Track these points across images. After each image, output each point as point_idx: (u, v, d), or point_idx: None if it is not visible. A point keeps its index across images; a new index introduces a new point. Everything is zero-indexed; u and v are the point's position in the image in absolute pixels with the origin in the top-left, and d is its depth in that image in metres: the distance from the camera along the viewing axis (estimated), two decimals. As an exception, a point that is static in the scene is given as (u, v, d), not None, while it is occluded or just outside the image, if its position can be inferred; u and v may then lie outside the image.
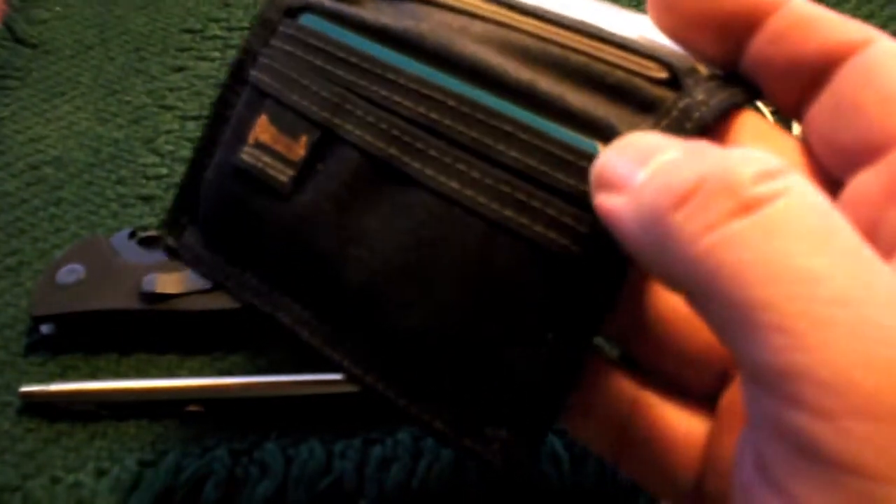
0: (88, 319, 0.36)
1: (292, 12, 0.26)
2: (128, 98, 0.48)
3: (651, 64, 0.22)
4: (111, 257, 0.37)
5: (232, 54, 0.50)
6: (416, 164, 0.22)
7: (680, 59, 0.22)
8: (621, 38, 0.22)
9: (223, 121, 0.27)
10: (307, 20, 0.26)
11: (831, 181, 0.21)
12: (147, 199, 0.42)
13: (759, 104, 0.37)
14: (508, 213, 0.21)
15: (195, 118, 0.47)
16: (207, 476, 0.32)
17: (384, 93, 0.23)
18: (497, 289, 0.21)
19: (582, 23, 0.23)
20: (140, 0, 0.54)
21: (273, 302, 0.25)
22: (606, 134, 0.21)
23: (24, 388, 0.34)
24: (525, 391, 0.22)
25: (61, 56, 0.51)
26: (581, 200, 0.20)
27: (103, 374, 0.36)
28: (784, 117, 0.23)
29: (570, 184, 0.21)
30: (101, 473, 0.32)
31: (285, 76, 0.25)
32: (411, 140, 0.23)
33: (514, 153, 0.21)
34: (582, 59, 0.22)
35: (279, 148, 0.24)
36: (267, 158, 0.25)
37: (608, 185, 0.19)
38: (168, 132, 0.46)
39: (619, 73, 0.22)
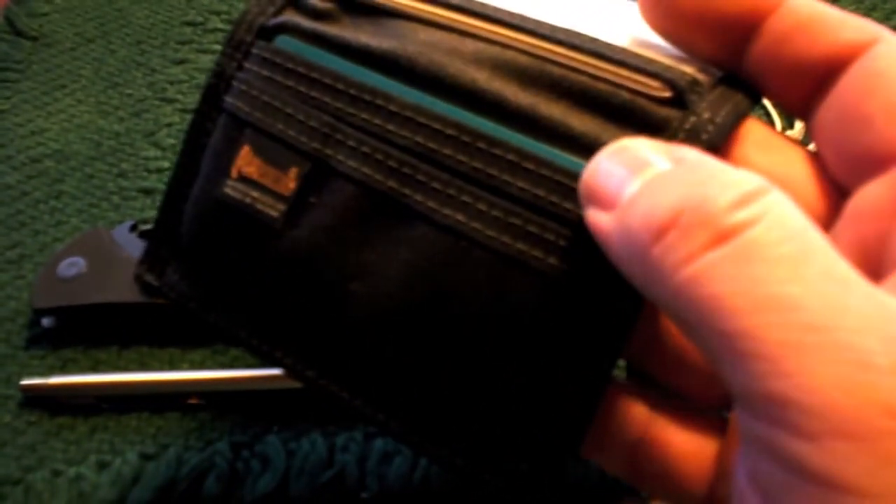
0: (89, 312, 0.36)
1: (266, 33, 0.25)
2: (129, 91, 0.48)
3: (654, 83, 0.21)
4: (112, 250, 0.37)
5: (233, 47, 0.50)
6: (418, 197, 0.22)
7: (678, 67, 0.21)
8: (620, 53, 0.21)
9: (199, 149, 0.25)
10: (283, 42, 0.24)
11: (838, 188, 0.21)
12: (148, 191, 0.42)
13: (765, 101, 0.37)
14: (520, 246, 0.21)
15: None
16: (209, 469, 0.32)
17: (377, 121, 0.22)
18: (512, 323, 0.21)
19: (577, 36, 0.22)
20: (141, -7, 0.54)
21: (272, 340, 0.24)
22: None
23: (25, 382, 0.34)
24: (544, 424, 0.21)
25: (62, 49, 0.50)
26: (576, 228, 0.20)
27: (104, 367, 0.36)
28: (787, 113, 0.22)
29: (566, 208, 0.20)
30: (102, 466, 0.32)
31: (266, 104, 0.24)
32: (411, 171, 0.22)
33: (520, 183, 0.21)
34: (582, 78, 0.21)
35: (267, 182, 0.23)
36: (255, 193, 0.23)
37: (597, 200, 0.19)
38: (169, 125, 0.46)
39: (623, 94, 0.21)
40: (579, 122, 0.21)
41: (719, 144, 0.20)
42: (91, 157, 0.44)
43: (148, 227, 0.38)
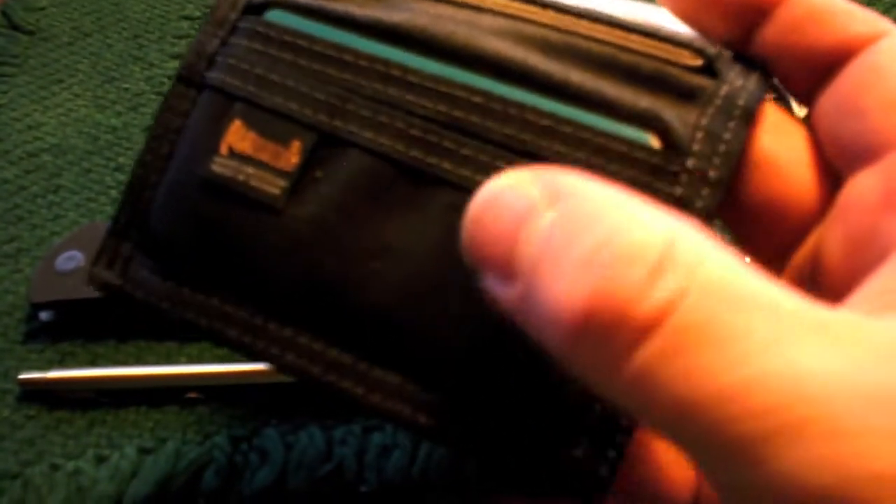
0: (87, 306, 0.36)
1: (254, 9, 0.24)
2: (126, 85, 0.48)
3: (683, 52, 0.21)
4: (110, 244, 0.37)
5: (230, 41, 0.49)
6: (446, 165, 0.21)
7: (703, 44, 0.21)
8: (644, 25, 0.21)
9: (172, 132, 0.24)
10: (275, 16, 0.23)
11: (834, 175, 0.21)
12: (146, 186, 0.42)
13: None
14: None
15: (194, 105, 0.46)
16: (207, 463, 0.32)
17: (392, 91, 0.21)
18: None
19: (597, 12, 0.22)
20: (138, -13, 0.54)
21: (271, 337, 0.22)
22: (653, 124, 0.20)
23: (23, 376, 0.34)
24: (599, 401, 0.20)
25: (59, 43, 0.50)
26: (643, 192, 0.19)
27: (102, 361, 0.36)
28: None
29: (630, 175, 0.20)
30: (100, 460, 0.32)
31: (260, 77, 0.23)
32: (437, 139, 0.21)
33: (557, 147, 0.20)
34: (608, 49, 0.21)
35: (264, 157, 0.22)
36: (249, 169, 0.22)
37: (487, 267, 0.17)
38: (166, 119, 0.46)
39: (652, 63, 0.21)
40: (613, 89, 0.21)
41: (755, 110, 0.20)
42: (88, 152, 0.44)
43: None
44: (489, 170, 0.20)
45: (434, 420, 0.21)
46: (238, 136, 0.22)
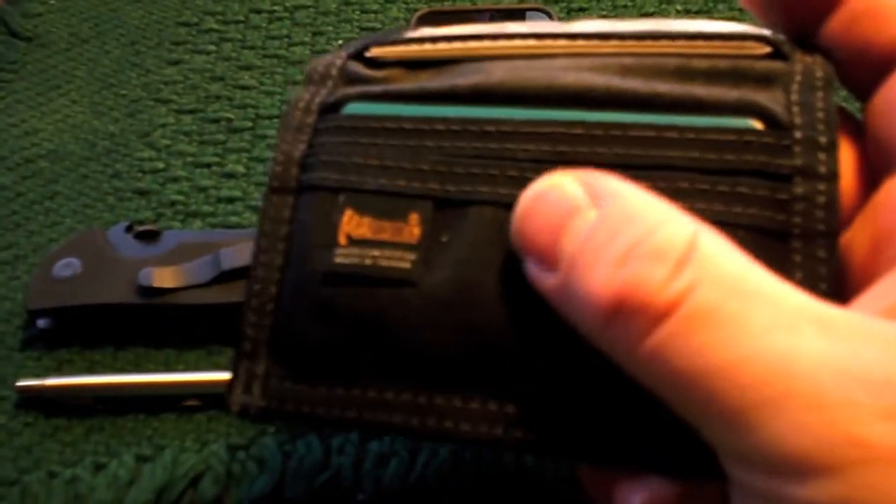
0: (85, 313, 0.36)
1: (330, 108, 0.24)
2: (123, 91, 0.48)
3: (749, 44, 0.22)
4: (107, 251, 0.37)
5: (227, 48, 0.50)
6: None
7: (765, 34, 0.22)
8: (704, 32, 0.22)
9: (279, 241, 0.23)
10: (354, 108, 0.24)
11: (873, 175, 0.21)
12: (143, 192, 0.42)
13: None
14: (717, 206, 0.20)
15: (190, 112, 0.46)
16: (205, 471, 0.32)
17: (492, 146, 0.22)
18: None
19: (657, 31, 0.23)
20: (135, -7, 0.54)
21: (440, 411, 0.21)
22: (751, 110, 0.21)
23: (21, 383, 0.34)
24: None
25: (56, 49, 0.50)
26: (766, 173, 0.20)
27: (100, 368, 0.36)
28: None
29: (748, 159, 0.21)
30: (98, 468, 0.32)
31: (360, 165, 0.23)
32: None
33: (670, 153, 0.21)
34: (681, 59, 0.22)
35: (385, 236, 0.22)
36: (375, 252, 0.22)
37: (534, 256, 0.20)
38: (163, 126, 0.46)
39: (725, 61, 0.22)
40: (700, 89, 0.22)
41: (833, 78, 0.21)
42: (86, 158, 0.44)
43: (143, 228, 0.38)
44: None
45: (639, 457, 0.20)
46: (353, 223, 0.22)
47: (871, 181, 0.21)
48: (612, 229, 0.18)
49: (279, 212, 0.23)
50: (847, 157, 0.22)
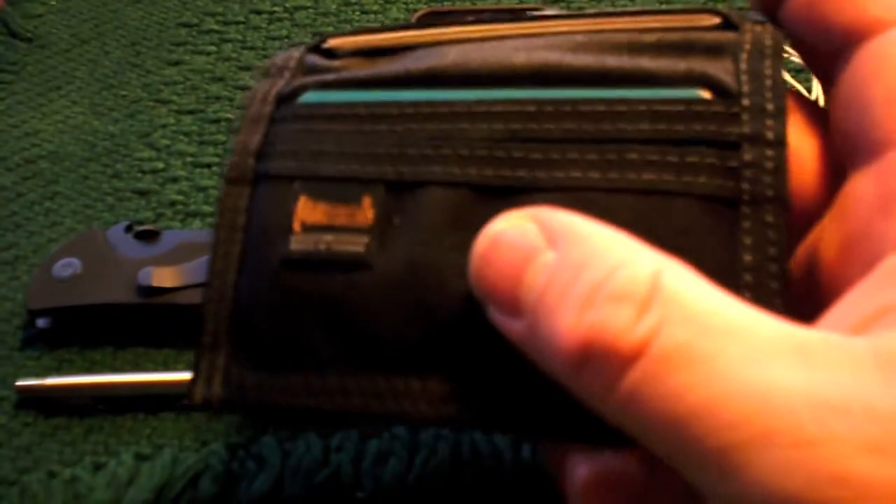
0: (85, 313, 0.36)
1: (286, 98, 0.24)
2: (123, 92, 0.48)
3: (698, 16, 0.22)
4: (107, 251, 0.37)
5: (228, 49, 0.50)
6: (521, 173, 0.21)
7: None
8: (651, 7, 0.23)
9: (235, 231, 0.23)
10: (309, 97, 0.24)
11: (840, 167, 0.21)
12: (143, 193, 0.42)
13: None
14: (667, 177, 0.21)
15: (191, 112, 0.46)
16: (204, 470, 0.32)
17: (445, 126, 0.22)
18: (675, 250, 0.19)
19: (608, 9, 0.24)
20: (135, -6, 0.54)
21: (399, 392, 0.21)
22: (700, 80, 0.21)
23: (20, 383, 0.34)
24: None
25: (56, 50, 0.50)
26: (715, 142, 0.21)
27: (99, 367, 0.36)
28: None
29: (697, 129, 0.21)
30: (97, 467, 0.32)
31: (315, 152, 0.23)
32: (504, 154, 0.22)
33: (621, 126, 0.21)
34: (631, 35, 0.23)
35: (339, 221, 0.22)
36: (328, 237, 0.22)
37: (495, 304, 0.19)
38: (164, 126, 0.46)
39: (675, 34, 0.22)
40: (650, 62, 0.22)
41: (781, 46, 0.22)
42: (86, 158, 0.44)
43: (143, 228, 0.38)
44: (562, 165, 0.21)
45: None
46: (307, 210, 0.22)
47: (837, 172, 0.21)
48: (572, 272, 0.17)
49: (236, 202, 0.23)
50: (812, 148, 0.22)
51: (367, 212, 0.22)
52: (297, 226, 0.22)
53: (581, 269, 0.17)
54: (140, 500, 0.31)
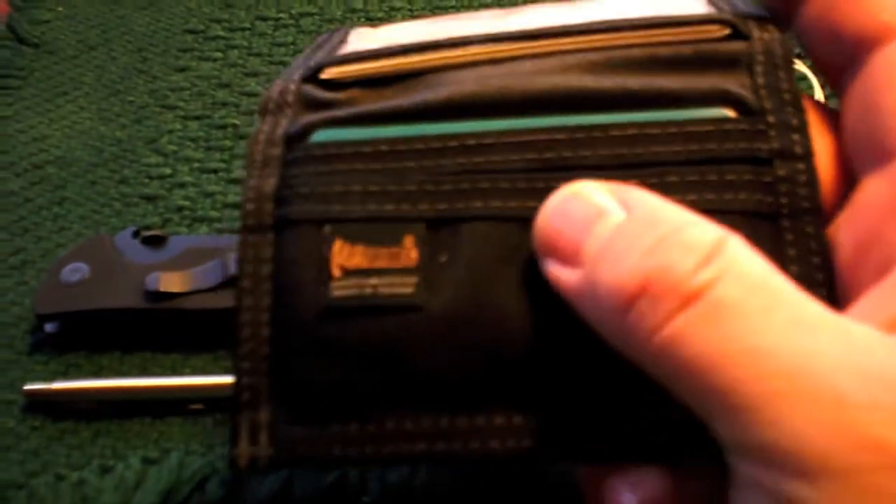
0: (92, 318, 0.36)
1: (297, 138, 0.23)
2: (130, 98, 0.48)
3: (709, 27, 0.22)
4: (115, 256, 0.37)
5: (234, 55, 0.50)
6: None
7: (721, 13, 0.23)
8: (664, 17, 0.23)
9: (264, 281, 0.22)
10: (324, 135, 0.23)
11: (851, 172, 0.21)
12: (150, 198, 0.43)
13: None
14: (709, 195, 0.21)
15: (197, 118, 0.47)
16: (211, 474, 0.32)
17: (477, 159, 0.22)
18: None
19: (618, 20, 0.23)
20: (142, 0, 0.54)
21: (465, 431, 0.21)
22: (723, 98, 0.22)
23: (28, 387, 0.35)
24: None
25: (64, 56, 0.51)
26: (747, 159, 0.21)
27: (107, 372, 0.36)
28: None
29: (729, 147, 0.21)
30: (105, 471, 0.33)
31: (342, 193, 0.22)
32: (544, 184, 0.21)
33: (655, 149, 0.21)
34: (646, 50, 0.23)
35: (382, 263, 0.21)
36: (373, 280, 0.21)
37: (556, 253, 0.19)
38: (170, 132, 0.46)
39: (688, 47, 0.22)
40: (670, 82, 0.22)
41: (792, 54, 0.22)
42: (93, 164, 0.45)
43: (150, 233, 0.38)
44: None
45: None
46: (345, 254, 0.21)
47: (848, 174, 0.21)
48: (641, 227, 0.18)
49: (258, 252, 0.22)
50: (825, 150, 0.22)
51: (410, 252, 0.21)
52: (336, 271, 0.21)
53: (650, 225, 0.18)
54: (147, 504, 0.31)
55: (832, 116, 0.22)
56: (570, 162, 0.21)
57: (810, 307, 0.17)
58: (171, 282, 0.35)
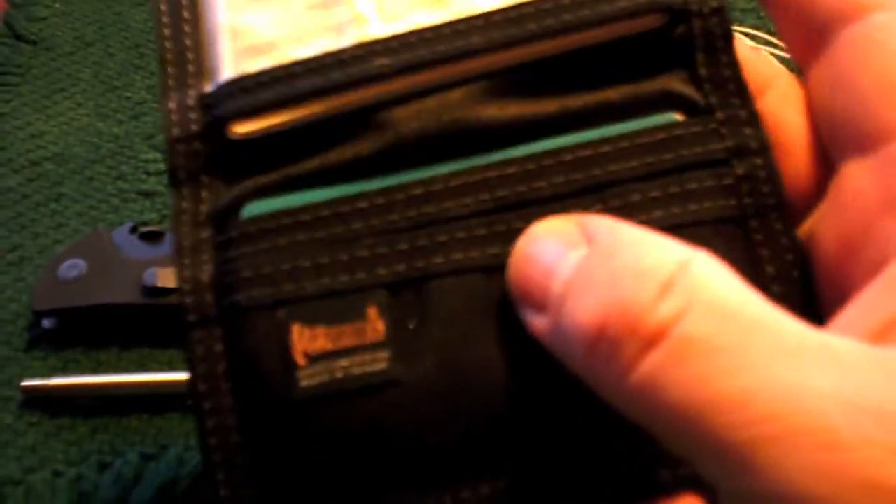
0: (90, 314, 0.36)
1: (223, 217, 0.21)
2: (127, 94, 0.48)
3: (643, 19, 0.21)
4: (112, 252, 0.37)
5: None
6: None
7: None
8: (592, 16, 0.21)
9: (219, 381, 0.20)
10: (254, 209, 0.21)
11: (826, 155, 0.20)
12: (148, 194, 0.43)
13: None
14: (675, 209, 0.20)
15: (195, 114, 0.47)
16: (209, 469, 0.32)
17: (428, 209, 0.20)
18: None
19: (546, 24, 0.21)
20: (140, -4, 0.54)
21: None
22: (669, 102, 0.21)
23: (26, 383, 0.35)
24: None
25: (61, 52, 0.51)
26: (705, 163, 0.20)
27: (105, 368, 0.36)
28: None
29: (686, 153, 0.20)
30: (103, 467, 0.33)
31: (288, 272, 0.20)
32: (504, 227, 0.20)
33: (611, 167, 0.20)
34: (580, 60, 0.21)
35: (347, 342, 0.19)
36: (343, 362, 0.19)
37: (528, 300, 0.18)
38: (168, 128, 0.46)
39: (626, 47, 0.21)
40: (613, 93, 0.21)
41: (731, 29, 0.21)
42: (91, 160, 0.45)
43: (147, 229, 0.38)
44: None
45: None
46: (306, 338, 0.19)
47: (824, 157, 0.20)
48: (600, 259, 0.17)
49: (209, 349, 0.20)
50: (795, 125, 0.21)
51: (375, 324, 0.19)
52: (300, 359, 0.19)
53: (608, 257, 0.17)
54: (145, 499, 0.31)
55: (798, 84, 0.21)
56: (525, 196, 0.20)
57: (789, 329, 0.15)
58: (169, 277, 0.35)
